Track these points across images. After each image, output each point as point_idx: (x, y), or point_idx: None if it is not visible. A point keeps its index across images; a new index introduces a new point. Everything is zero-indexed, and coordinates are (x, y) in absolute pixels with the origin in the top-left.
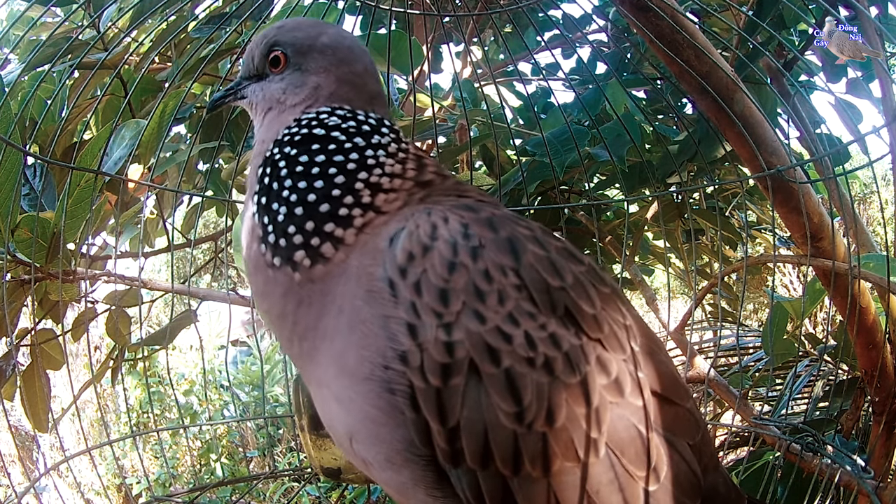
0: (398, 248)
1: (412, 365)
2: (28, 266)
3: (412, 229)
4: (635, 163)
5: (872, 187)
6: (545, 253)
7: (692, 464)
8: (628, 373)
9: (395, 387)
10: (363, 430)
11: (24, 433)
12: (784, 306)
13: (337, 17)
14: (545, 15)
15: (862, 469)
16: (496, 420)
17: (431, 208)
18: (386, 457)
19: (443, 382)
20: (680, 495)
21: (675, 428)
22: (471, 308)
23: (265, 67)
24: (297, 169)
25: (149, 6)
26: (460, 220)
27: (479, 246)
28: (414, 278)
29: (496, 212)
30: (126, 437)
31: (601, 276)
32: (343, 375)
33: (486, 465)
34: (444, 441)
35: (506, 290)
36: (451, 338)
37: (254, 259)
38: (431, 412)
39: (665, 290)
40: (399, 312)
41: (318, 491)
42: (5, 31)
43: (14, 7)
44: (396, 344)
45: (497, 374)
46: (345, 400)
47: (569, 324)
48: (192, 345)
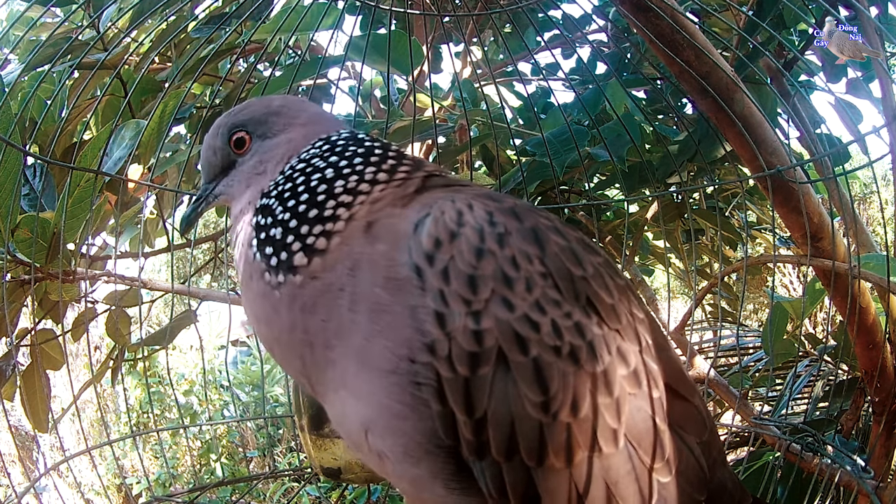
0: (424, 234)
1: (440, 355)
2: (28, 266)
3: (437, 215)
4: (635, 163)
5: (872, 187)
6: (566, 242)
7: (700, 458)
8: (645, 364)
9: (421, 379)
10: (381, 422)
11: (24, 433)
12: (784, 306)
13: (337, 17)
14: (545, 15)
15: (862, 469)
16: (523, 410)
17: (454, 195)
18: (405, 449)
19: (471, 372)
20: (689, 488)
21: (685, 423)
22: (499, 295)
23: (230, 155)
24: (287, 195)
25: (149, 6)
26: (485, 208)
27: (505, 233)
28: (441, 265)
29: (517, 201)
30: (126, 437)
31: (616, 268)
32: (364, 369)
33: (510, 457)
34: (469, 432)
35: (532, 277)
36: (480, 326)
37: (258, 294)
38: (458, 403)
39: (665, 290)
40: (426, 301)
41: (318, 491)
42: (5, 31)
43: (14, 7)
44: (423, 334)
45: (525, 363)
46: (364, 394)
47: (591, 312)
48: (192, 345)
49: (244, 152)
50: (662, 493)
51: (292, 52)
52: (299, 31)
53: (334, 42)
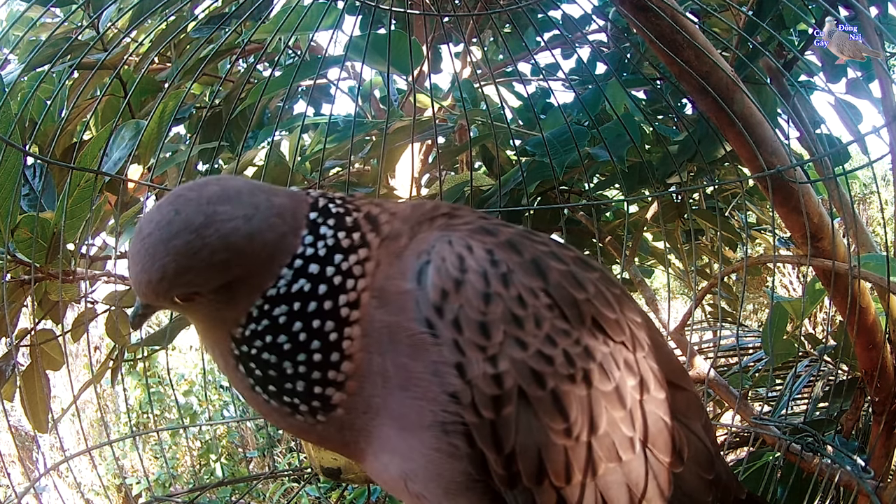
0: (429, 286)
1: (464, 402)
2: (28, 266)
3: (439, 264)
4: (635, 163)
5: (872, 187)
6: (566, 267)
7: (704, 440)
8: (650, 369)
9: (450, 427)
10: (421, 472)
11: (24, 433)
12: (784, 306)
13: (337, 17)
14: (545, 15)
15: (862, 469)
16: (548, 439)
17: (449, 235)
18: (445, 490)
19: (496, 414)
20: (698, 469)
21: (688, 412)
22: (512, 336)
23: None
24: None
25: (148, 6)
26: (484, 247)
27: (508, 272)
28: (452, 315)
29: (511, 229)
30: (126, 438)
31: (611, 278)
32: (403, 433)
33: (540, 482)
34: (500, 468)
35: (540, 312)
36: (498, 369)
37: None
38: (487, 444)
39: (665, 291)
40: (444, 353)
41: (317, 491)
42: (5, 32)
43: (14, 7)
44: (447, 386)
45: (544, 397)
46: (404, 451)
47: (597, 332)
48: (191, 345)
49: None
50: (678, 483)
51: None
52: (299, 31)
53: (334, 42)
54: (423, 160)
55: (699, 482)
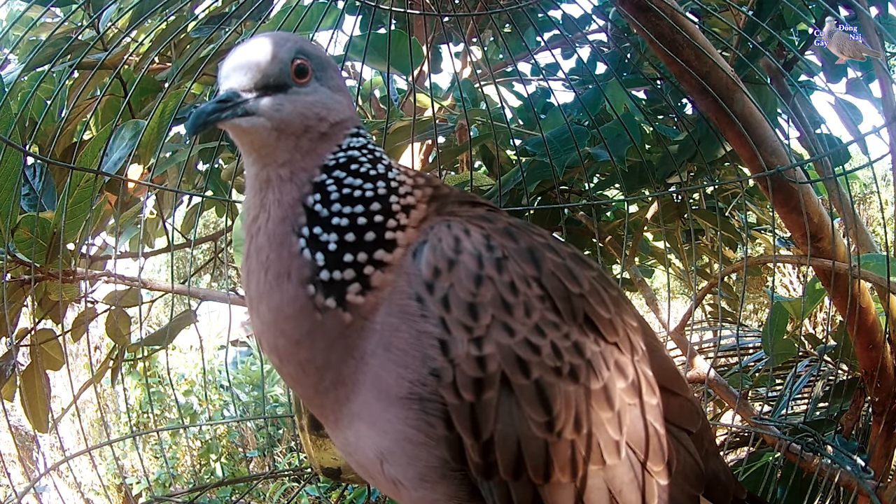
0: (423, 263)
1: (444, 381)
2: (28, 266)
3: (435, 243)
4: (635, 163)
5: (872, 187)
6: (561, 260)
7: (695, 455)
8: (642, 373)
9: (428, 405)
10: (398, 451)
11: (24, 433)
12: (784, 306)
13: (337, 17)
14: (545, 15)
15: (862, 469)
16: (528, 431)
17: (450, 220)
18: (420, 475)
19: (476, 397)
20: (687, 486)
21: (679, 419)
22: (500, 321)
23: (286, 75)
24: (346, 193)
25: (148, 6)
26: (481, 232)
27: (502, 257)
28: (441, 293)
29: (510, 220)
30: (126, 437)
31: (609, 279)
32: (380, 398)
33: (518, 476)
34: (477, 455)
35: (531, 301)
36: (483, 352)
37: (292, 304)
38: (465, 428)
39: (665, 290)
40: (429, 328)
41: (317, 491)
42: (5, 31)
43: (14, 7)
44: (429, 361)
45: (528, 386)
46: (380, 422)
47: (589, 330)
48: (192, 345)
49: (304, 83)
50: (662, 496)
51: None
52: (299, 31)
53: (334, 42)
54: (423, 160)
55: (685, 499)
